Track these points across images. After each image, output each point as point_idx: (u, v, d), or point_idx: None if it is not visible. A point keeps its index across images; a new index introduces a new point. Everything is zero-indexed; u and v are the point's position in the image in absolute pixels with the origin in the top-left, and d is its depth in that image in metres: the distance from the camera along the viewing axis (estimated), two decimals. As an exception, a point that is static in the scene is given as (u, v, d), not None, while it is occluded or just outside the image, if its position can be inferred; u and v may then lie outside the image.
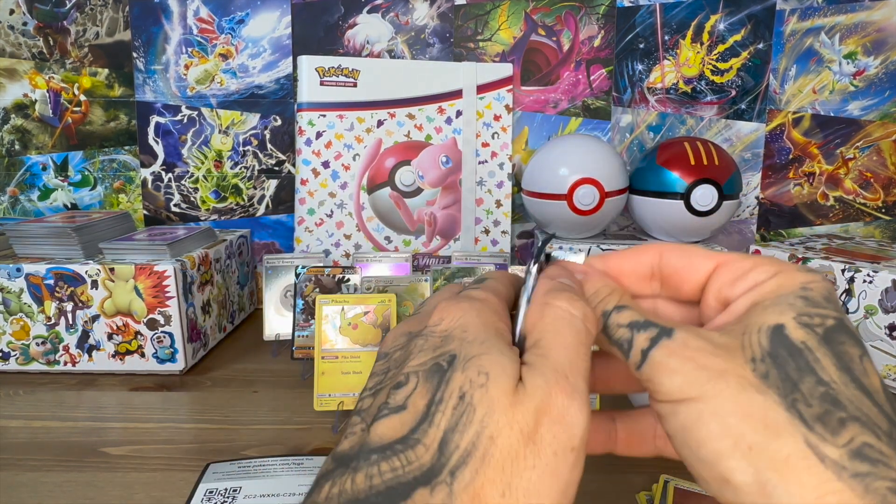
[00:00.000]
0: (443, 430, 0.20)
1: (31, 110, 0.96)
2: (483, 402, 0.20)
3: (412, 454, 0.19)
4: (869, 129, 0.96)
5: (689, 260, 0.26)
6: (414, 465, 0.19)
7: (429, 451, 0.19)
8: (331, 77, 0.88)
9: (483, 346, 0.21)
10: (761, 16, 0.93)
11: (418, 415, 0.20)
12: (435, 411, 0.20)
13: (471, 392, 0.20)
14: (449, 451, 0.19)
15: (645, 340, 0.22)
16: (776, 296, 0.22)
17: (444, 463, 0.19)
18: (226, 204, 0.98)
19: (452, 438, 0.19)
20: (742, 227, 1.00)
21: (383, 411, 0.21)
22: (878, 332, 0.69)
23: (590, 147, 0.84)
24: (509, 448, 0.19)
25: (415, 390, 0.21)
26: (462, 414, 0.20)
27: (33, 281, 0.69)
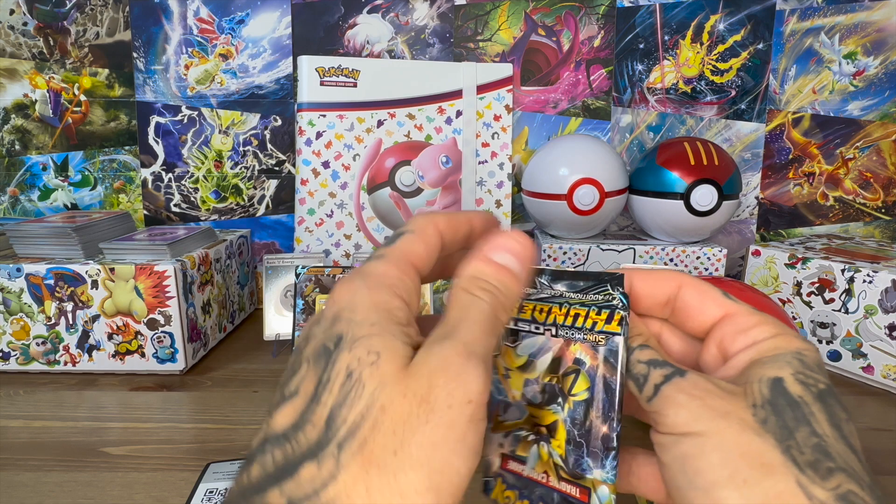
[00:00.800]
0: (329, 408, 0.20)
1: (32, 110, 0.96)
2: (373, 377, 0.20)
3: (301, 435, 0.20)
4: (869, 129, 0.96)
5: (702, 301, 0.27)
6: (302, 444, 0.20)
7: (315, 427, 0.20)
8: (331, 77, 0.88)
9: (373, 327, 0.22)
10: (761, 16, 0.93)
11: (308, 398, 0.21)
12: (322, 391, 0.20)
13: (359, 370, 0.20)
14: (336, 425, 0.20)
15: (659, 376, 0.24)
16: (774, 354, 0.24)
17: (330, 437, 0.19)
18: (226, 204, 0.98)
19: (339, 414, 0.20)
20: (742, 227, 1.00)
21: (279, 402, 0.21)
22: (878, 332, 0.69)
23: (590, 147, 0.84)
24: (401, 412, 0.20)
25: (305, 375, 0.21)
26: (350, 390, 0.20)
27: (33, 281, 0.69)
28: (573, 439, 0.26)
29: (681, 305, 0.28)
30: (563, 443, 0.27)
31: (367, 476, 0.19)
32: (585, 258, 0.85)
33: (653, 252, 0.85)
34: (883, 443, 0.58)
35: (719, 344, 0.27)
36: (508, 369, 0.28)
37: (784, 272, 0.78)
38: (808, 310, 0.75)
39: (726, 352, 0.26)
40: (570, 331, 0.27)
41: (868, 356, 0.70)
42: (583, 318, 0.27)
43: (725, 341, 0.26)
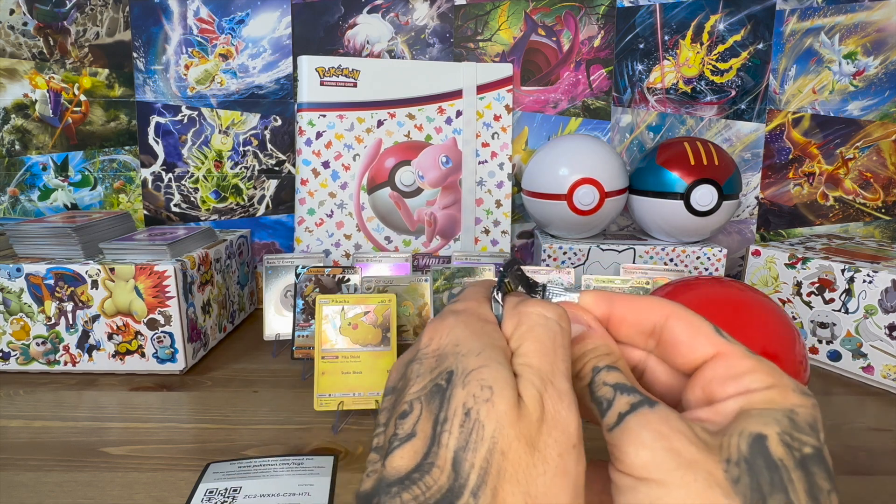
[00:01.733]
0: (452, 450, 0.20)
1: (32, 110, 0.96)
2: (491, 417, 0.20)
3: (429, 479, 0.20)
4: (869, 129, 0.96)
5: (693, 336, 0.25)
6: (433, 489, 0.19)
7: (444, 472, 0.20)
8: (331, 77, 0.88)
9: (479, 357, 0.22)
10: (761, 16, 0.93)
11: (427, 439, 0.20)
12: (441, 431, 0.20)
13: (476, 408, 0.20)
14: (465, 471, 0.19)
15: (625, 404, 0.22)
16: (764, 408, 0.22)
17: (462, 484, 0.19)
18: (226, 204, 0.98)
19: (465, 458, 0.20)
20: (742, 226, 1.00)
21: (394, 443, 0.21)
22: (877, 332, 0.69)
23: (590, 147, 0.84)
24: (519, 460, 0.20)
25: (420, 416, 0.21)
26: (471, 431, 0.20)
27: (33, 281, 0.69)
28: None
29: (668, 338, 0.25)
30: None
31: None
32: (585, 258, 0.85)
33: (653, 252, 0.85)
34: (883, 443, 0.58)
35: (706, 386, 0.24)
36: None
37: (784, 272, 0.78)
38: (808, 310, 0.75)
39: (712, 395, 0.24)
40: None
41: (868, 356, 0.70)
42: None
43: (714, 384, 0.24)
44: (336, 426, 0.59)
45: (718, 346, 0.24)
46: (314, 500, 0.48)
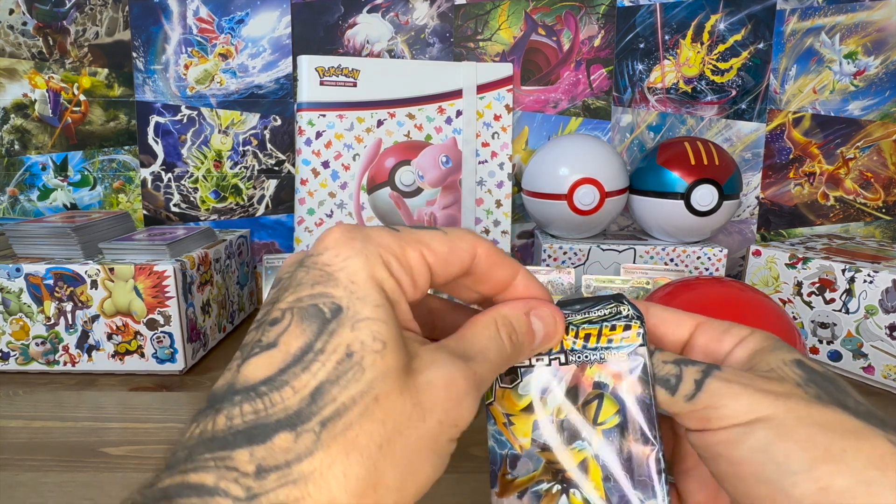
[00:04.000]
0: (319, 380, 0.19)
1: (31, 110, 0.96)
2: (376, 366, 0.19)
3: (277, 396, 0.19)
4: (869, 128, 0.96)
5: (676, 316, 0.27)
6: (278, 406, 0.18)
7: (297, 394, 0.19)
8: (331, 77, 0.88)
9: (377, 310, 0.20)
10: (761, 16, 0.93)
11: (289, 356, 0.19)
12: (313, 359, 0.19)
13: (361, 353, 0.20)
14: (323, 401, 0.19)
15: (696, 373, 0.23)
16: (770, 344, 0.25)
17: (314, 411, 0.18)
18: (226, 204, 0.98)
19: (330, 390, 0.19)
20: (742, 227, 1.00)
21: (255, 349, 0.20)
22: (878, 332, 0.69)
23: (590, 147, 0.84)
24: (394, 408, 0.19)
25: (287, 328, 0.20)
26: (348, 370, 0.19)
27: (33, 281, 0.69)
28: (612, 474, 0.23)
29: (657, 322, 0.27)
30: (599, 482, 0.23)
31: (347, 460, 0.18)
32: (585, 258, 0.85)
33: (653, 252, 0.85)
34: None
35: (705, 348, 0.26)
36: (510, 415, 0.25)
37: (784, 272, 0.78)
38: (808, 310, 0.75)
39: (715, 353, 0.26)
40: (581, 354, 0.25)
41: (868, 356, 0.70)
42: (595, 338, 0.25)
43: (712, 344, 0.26)
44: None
45: (696, 319, 0.27)
46: (314, 500, 0.47)
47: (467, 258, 0.24)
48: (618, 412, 0.24)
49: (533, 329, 0.25)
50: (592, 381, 0.24)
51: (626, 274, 0.77)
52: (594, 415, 0.24)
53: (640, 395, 0.24)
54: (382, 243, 0.22)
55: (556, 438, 0.24)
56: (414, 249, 0.22)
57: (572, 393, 0.24)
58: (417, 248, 0.23)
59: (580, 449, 0.24)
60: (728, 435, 0.22)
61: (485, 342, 0.23)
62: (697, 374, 0.23)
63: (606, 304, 0.25)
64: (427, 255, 0.23)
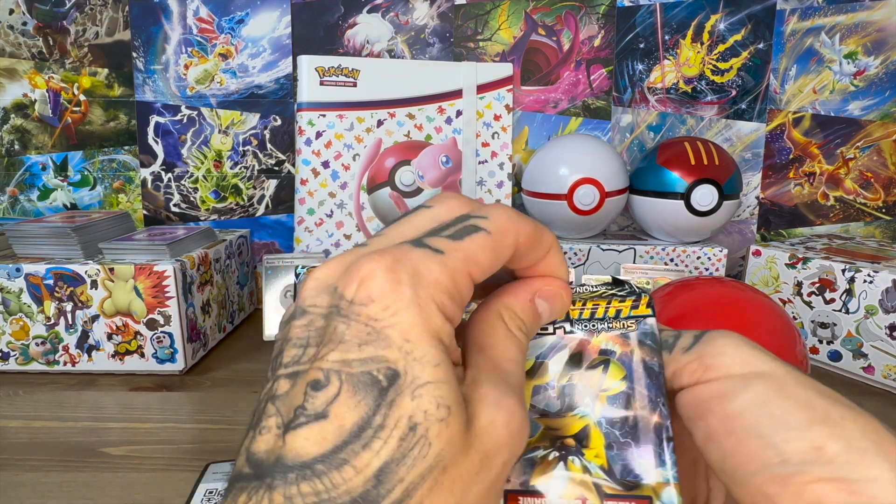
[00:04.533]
0: (383, 459, 0.17)
1: (31, 110, 0.96)
2: (442, 437, 0.18)
3: (338, 477, 0.17)
4: (869, 129, 0.96)
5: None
6: (341, 489, 0.17)
7: (360, 475, 0.17)
8: (331, 77, 0.88)
9: (437, 370, 0.18)
10: (761, 16, 0.93)
11: (345, 431, 0.18)
12: (373, 436, 0.18)
13: (426, 425, 0.18)
14: (390, 482, 0.17)
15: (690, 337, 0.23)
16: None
17: (382, 494, 0.17)
18: (225, 204, 0.98)
19: (396, 471, 0.17)
20: (742, 227, 1.00)
21: (300, 418, 0.18)
22: (878, 332, 0.69)
23: (590, 147, 0.84)
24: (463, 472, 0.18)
25: (337, 397, 0.18)
26: (413, 446, 0.18)
27: (33, 281, 0.69)
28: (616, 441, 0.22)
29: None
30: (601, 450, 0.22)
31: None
32: (586, 258, 0.85)
33: (653, 252, 0.85)
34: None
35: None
36: None
37: (784, 272, 0.78)
38: (808, 310, 0.75)
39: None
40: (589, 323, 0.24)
41: (868, 356, 0.70)
42: (603, 309, 0.24)
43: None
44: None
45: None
46: (314, 500, 0.47)
47: (509, 254, 0.22)
48: (624, 378, 0.23)
49: (538, 311, 0.23)
50: (598, 349, 0.23)
51: (626, 274, 0.77)
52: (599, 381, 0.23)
53: (648, 361, 0.23)
54: (433, 281, 0.19)
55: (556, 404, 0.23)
56: (464, 275, 0.20)
57: (576, 359, 0.23)
58: (466, 271, 0.20)
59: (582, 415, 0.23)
60: (723, 387, 0.21)
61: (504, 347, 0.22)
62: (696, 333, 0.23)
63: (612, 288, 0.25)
64: (474, 272, 0.20)
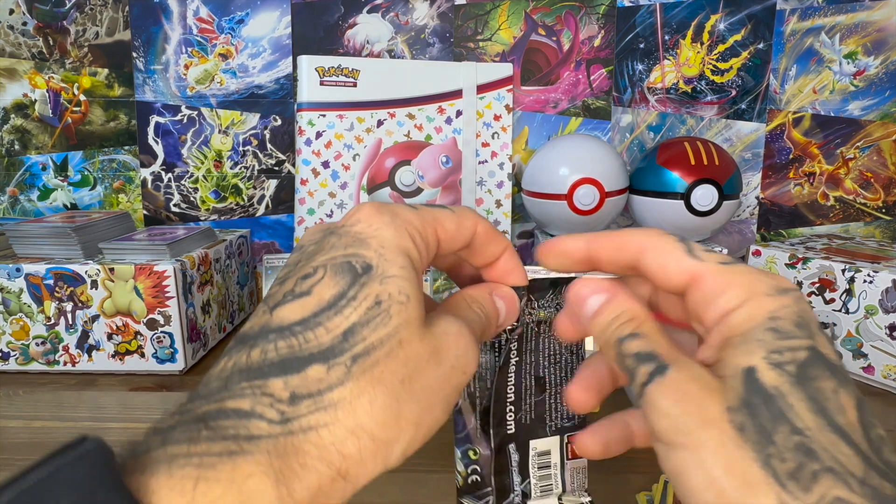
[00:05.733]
0: (351, 322, 0.21)
1: (31, 110, 0.96)
2: (401, 315, 0.22)
3: (311, 335, 0.21)
4: (869, 129, 0.96)
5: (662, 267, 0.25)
6: (311, 343, 0.20)
7: (330, 333, 0.21)
8: (331, 77, 0.88)
9: (403, 270, 0.23)
10: (761, 16, 0.93)
11: (322, 302, 0.21)
12: (345, 305, 0.21)
13: (389, 303, 0.22)
14: (354, 339, 0.21)
15: (644, 375, 0.22)
16: (744, 331, 0.22)
17: (346, 348, 0.21)
18: (226, 204, 0.98)
19: (360, 331, 0.21)
20: (742, 227, 1.00)
21: (287, 297, 0.22)
22: (878, 332, 0.69)
23: (590, 147, 0.84)
24: (415, 353, 0.22)
25: (321, 280, 0.22)
26: (377, 316, 0.21)
27: (33, 281, 0.69)
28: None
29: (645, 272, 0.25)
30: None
31: (373, 391, 0.20)
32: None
33: (653, 252, 0.85)
34: (884, 443, 0.58)
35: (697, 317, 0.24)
36: None
37: (784, 272, 0.78)
38: (808, 310, 0.75)
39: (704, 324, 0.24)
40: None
41: (868, 356, 0.70)
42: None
43: (699, 313, 0.24)
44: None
45: (690, 270, 0.24)
46: (314, 500, 0.47)
47: (469, 234, 0.27)
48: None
49: (496, 306, 0.28)
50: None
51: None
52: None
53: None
54: (408, 219, 0.25)
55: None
56: (431, 226, 0.25)
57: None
58: (433, 226, 0.25)
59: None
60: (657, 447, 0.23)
61: (465, 312, 0.26)
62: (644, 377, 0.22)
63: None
64: (440, 231, 0.26)
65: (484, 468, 0.32)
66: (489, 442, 0.32)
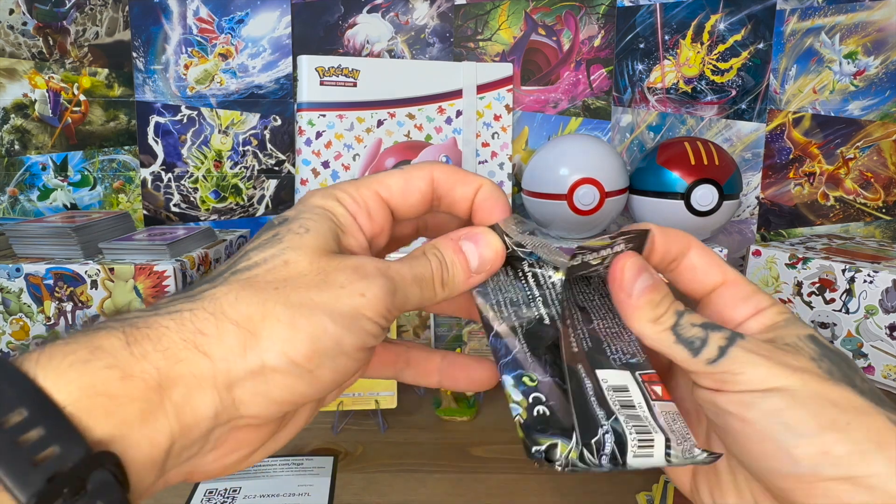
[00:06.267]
0: (245, 250, 0.24)
1: (31, 110, 0.96)
2: (292, 241, 0.24)
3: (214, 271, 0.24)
4: (869, 129, 0.96)
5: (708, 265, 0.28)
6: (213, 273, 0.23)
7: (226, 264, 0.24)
8: (331, 77, 0.88)
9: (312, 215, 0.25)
10: (761, 16, 0.93)
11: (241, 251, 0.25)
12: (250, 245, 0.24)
13: (284, 233, 0.24)
14: (239, 259, 0.24)
15: (721, 339, 0.25)
16: (786, 317, 0.26)
17: (230, 267, 0.23)
18: (225, 204, 0.98)
19: (248, 253, 0.24)
20: (742, 227, 1.00)
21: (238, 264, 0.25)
22: (878, 332, 0.69)
23: (590, 147, 0.84)
24: (299, 271, 0.23)
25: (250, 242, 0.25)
26: (268, 241, 0.24)
27: (33, 281, 0.69)
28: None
29: (688, 265, 0.28)
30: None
31: (241, 290, 0.22)
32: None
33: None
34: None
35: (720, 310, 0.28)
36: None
37: (785, 272, 0.78)
38: (808, 310, 0.75)
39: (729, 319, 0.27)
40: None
41: (869, 356, 0.70)
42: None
43: (727, 307, 0.27)
44: (336, 427, 0.59)
45: (726, 275, 0.28)
46: (314, 500, 0.48)
47: (424, 184, 0.27)
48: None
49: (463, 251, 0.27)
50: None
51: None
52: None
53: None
54: (339, 187, 0.27)
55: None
56: (368, 188, 0.27)
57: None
58: (372, 187, 0.27)
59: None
60: (743, 398, 0.24)
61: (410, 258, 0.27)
62: (722, 340, 0.25)
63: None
64: (382, 191, 0.27)
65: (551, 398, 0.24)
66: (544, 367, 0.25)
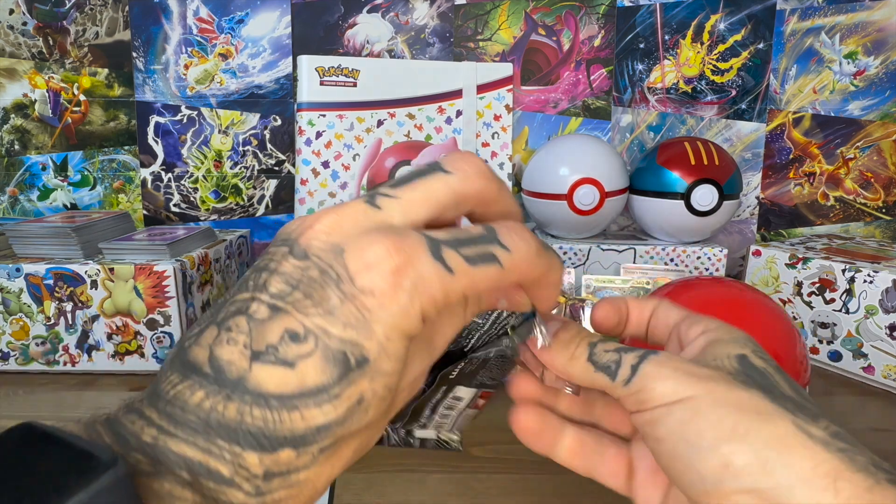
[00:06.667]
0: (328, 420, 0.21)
1: (31, 110, 0.96)
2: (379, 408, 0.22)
3: (286, 416, 0.20)
4: (869, 129, 0.96)
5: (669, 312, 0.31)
6: (286, 426, 0.20)
7: (304, 423, 0.20)
8: (331, 77, 0.88)
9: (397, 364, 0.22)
10: (761, 16, 0.93)
11: (304, 386, 0.20)
12: (326, 401, 0.20)
13: (371, 402, 0.21)
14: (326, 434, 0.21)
15: (633, 358, 0.25)
16: (729, 336, 0.27)
17: (316, 440, 0.21)
18: (225, 204, 0.98)
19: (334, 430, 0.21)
20: (742, 227, 1.00)
21: (270, 356, 0.20)
22: (878, 332, 0.69)
23: (590, 147, 0.84)
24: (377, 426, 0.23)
25: (309, 357, 0.20)
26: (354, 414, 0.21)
27: (33, 281, 0.69)
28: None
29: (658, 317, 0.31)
30: None
31: (332, 470, 0.22)
32: (586, 258, 0.85)
33: (653, 252, 0.85)
34: (884, 443, 0.58)
35: (680, 336, 0.29)
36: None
37: (785, 272, 0.78)
38: (808, 310, 0.75)
39: (683, 340, 0.29)
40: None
41: (869, 356, 0.70)
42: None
43: (682, 332, 0.29)
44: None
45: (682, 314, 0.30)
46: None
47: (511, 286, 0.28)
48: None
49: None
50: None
51: (627, 274, 0.77)
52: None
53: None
54: (429, 297, 0.21)
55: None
56: (459, 295, 0.21)
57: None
58: (463, 293, 0.22)
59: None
60: (653, 415, 0.24)
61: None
62: (635, 359, 0.25)
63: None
64: (470, 293, 0.22)
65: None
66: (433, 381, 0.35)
